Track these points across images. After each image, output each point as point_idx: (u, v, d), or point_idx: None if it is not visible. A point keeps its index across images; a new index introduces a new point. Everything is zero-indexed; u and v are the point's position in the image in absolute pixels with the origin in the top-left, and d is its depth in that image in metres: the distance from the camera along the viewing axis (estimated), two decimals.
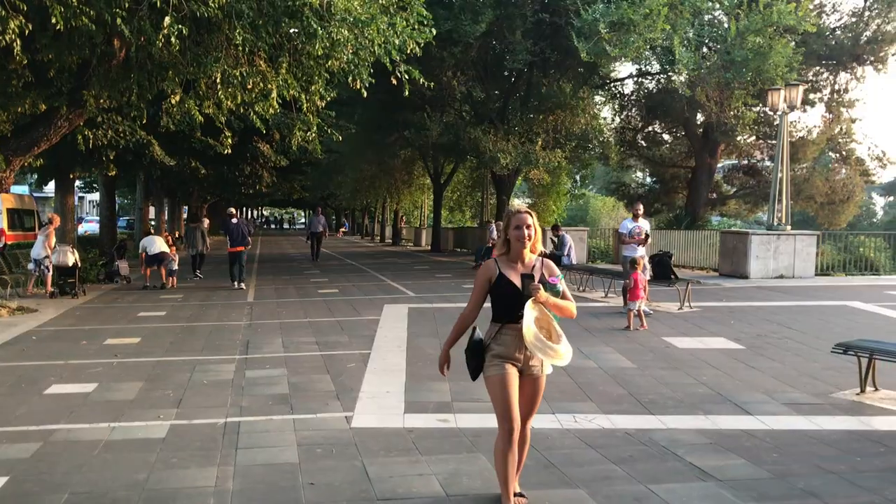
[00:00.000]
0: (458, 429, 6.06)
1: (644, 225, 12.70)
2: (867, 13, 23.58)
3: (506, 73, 22.74)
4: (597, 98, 28.17)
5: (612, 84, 28.10)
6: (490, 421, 6.08)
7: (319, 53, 11.21)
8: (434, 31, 12.56)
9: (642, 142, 30.82)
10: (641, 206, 13.77)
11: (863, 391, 7.29)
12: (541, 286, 4.10)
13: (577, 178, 37.26)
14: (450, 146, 24.90)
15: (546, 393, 4.59)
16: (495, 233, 21.63)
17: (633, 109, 29.39)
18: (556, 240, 17.35)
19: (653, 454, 5.48)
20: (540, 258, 4.33)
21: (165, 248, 17.47)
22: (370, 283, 18.39)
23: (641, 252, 12.28)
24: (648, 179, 35.87)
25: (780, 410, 6.70)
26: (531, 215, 4.26)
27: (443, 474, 5.00)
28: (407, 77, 11.80)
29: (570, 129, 23.74)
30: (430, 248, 36.48)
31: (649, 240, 12.74)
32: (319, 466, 5.20)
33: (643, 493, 4.70)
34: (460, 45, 19.74)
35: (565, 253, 16.84)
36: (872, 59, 24.03)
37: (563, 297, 4.25)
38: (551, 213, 40.95)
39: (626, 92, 29.03)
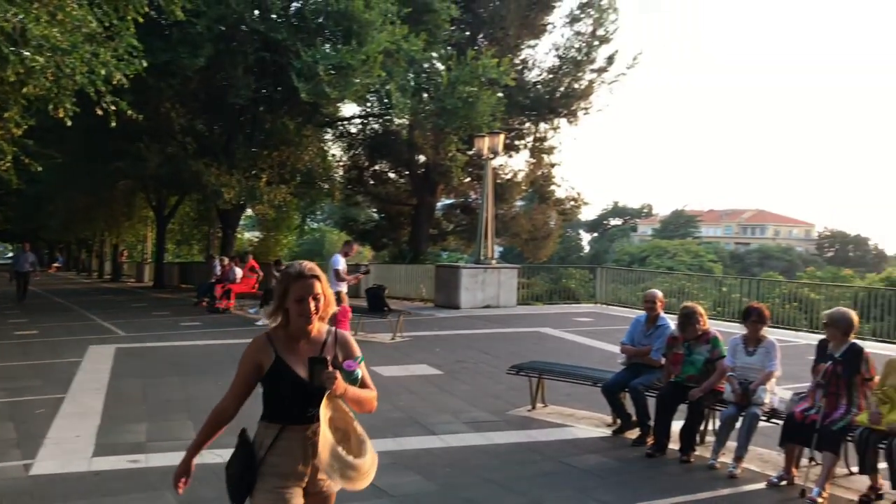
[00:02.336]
0: (148, 468, 6.02)
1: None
2: (561, 71, 26.54)
3: (233, 106, 22.52)
4: (326, 136, 28.79)
5: (338, 123, 28.83)
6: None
7: (13, 79, 10.54)
8: (146, 63, 12.27)
9: (370, 179, 31.87)
10: (355, 248, 14.40)
11: (534, 407, 8.28)
12: (337, 372, 2.94)
13: (306, 213, 37.65)
14: (169, 178, 24.04)
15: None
16: (218, 268, 21.19)
17: (360, 148, 30.33)
18: (279, 276, 17.46)
19: None
20: (332, 331, 3.19)
21: None
22: (78, 322, 17.20)
23: (343, 287, 12.91)
24: (377, 216, 37.08)
25: (461, 429, 7.44)
26: (320, 281, 3.09)
27: None
28: (114, 108, 11.42)
29: (295, 166, 24.02)
30: (153, 284, 34.73)
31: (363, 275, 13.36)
32: None
33: None
34: (179, 77, 19.27)
35: None
36: (566, 112, 26.99)
37: (363, 384, 3.13)
38: (281, 247, 40.97)
39: (353, 131, 29.97)
